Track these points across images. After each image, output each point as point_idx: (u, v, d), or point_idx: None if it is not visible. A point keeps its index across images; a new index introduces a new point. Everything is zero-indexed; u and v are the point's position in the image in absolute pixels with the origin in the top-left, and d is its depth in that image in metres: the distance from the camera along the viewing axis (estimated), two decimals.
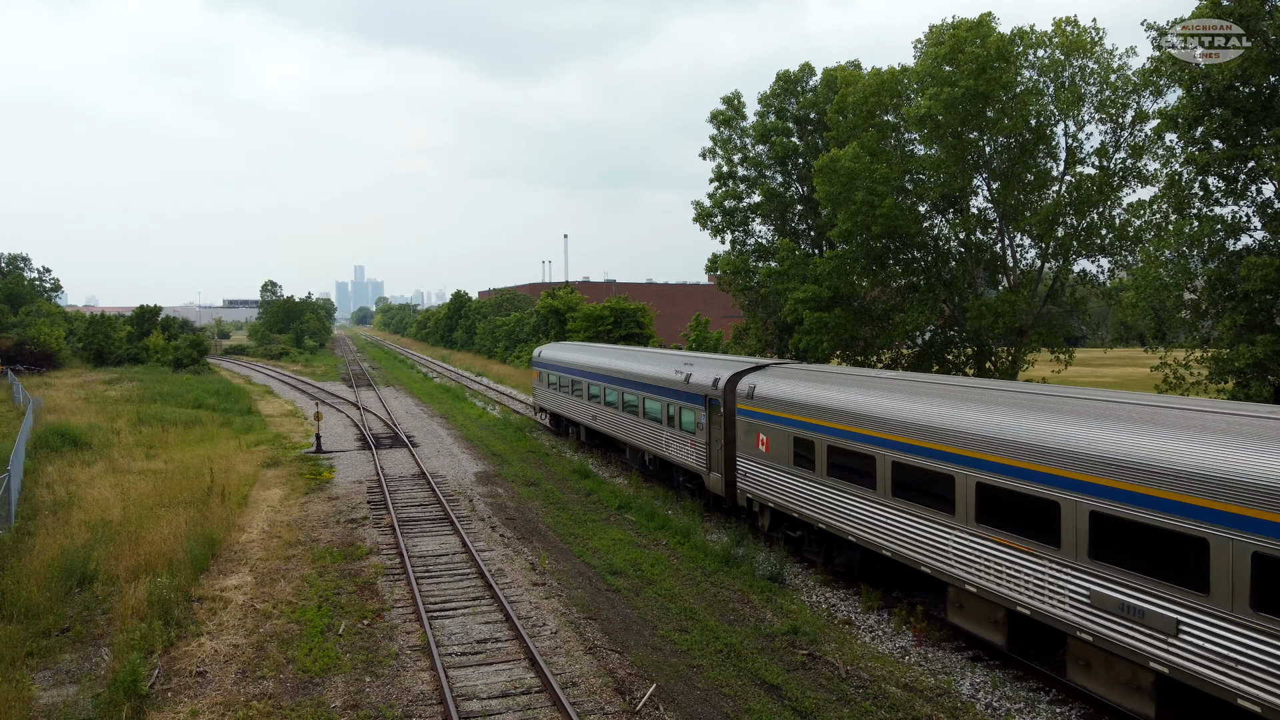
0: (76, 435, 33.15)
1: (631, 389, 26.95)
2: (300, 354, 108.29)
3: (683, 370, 23.54)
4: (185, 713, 11.86)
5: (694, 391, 22.37)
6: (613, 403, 28.90)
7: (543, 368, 38.15)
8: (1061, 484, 11.55)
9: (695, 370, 22.86)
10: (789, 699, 12.21)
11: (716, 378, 21.40)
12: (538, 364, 39.06)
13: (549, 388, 37.09)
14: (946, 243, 35.86)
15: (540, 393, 38.95)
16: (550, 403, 37.15)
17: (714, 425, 21.44)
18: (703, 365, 23.13)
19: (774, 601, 16.25)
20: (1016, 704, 12.18)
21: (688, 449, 23.01)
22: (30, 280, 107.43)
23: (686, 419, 22.99)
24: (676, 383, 23.51)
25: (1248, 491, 9.36)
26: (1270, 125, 22.67)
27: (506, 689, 12.55)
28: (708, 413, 21.66)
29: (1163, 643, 10.22)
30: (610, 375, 29.14)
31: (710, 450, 21.71)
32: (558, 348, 38.49)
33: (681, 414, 23.27)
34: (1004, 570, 12.53)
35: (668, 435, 24.30)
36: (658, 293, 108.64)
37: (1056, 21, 31.44)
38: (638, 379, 26.43)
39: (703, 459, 22.12)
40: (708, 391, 21.63)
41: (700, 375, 22.43)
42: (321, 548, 19.89)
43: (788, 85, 46.15)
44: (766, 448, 18.86)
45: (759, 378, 19.77)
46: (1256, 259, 21.78)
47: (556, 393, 35.87)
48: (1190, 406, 11.42)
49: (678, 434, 23.56)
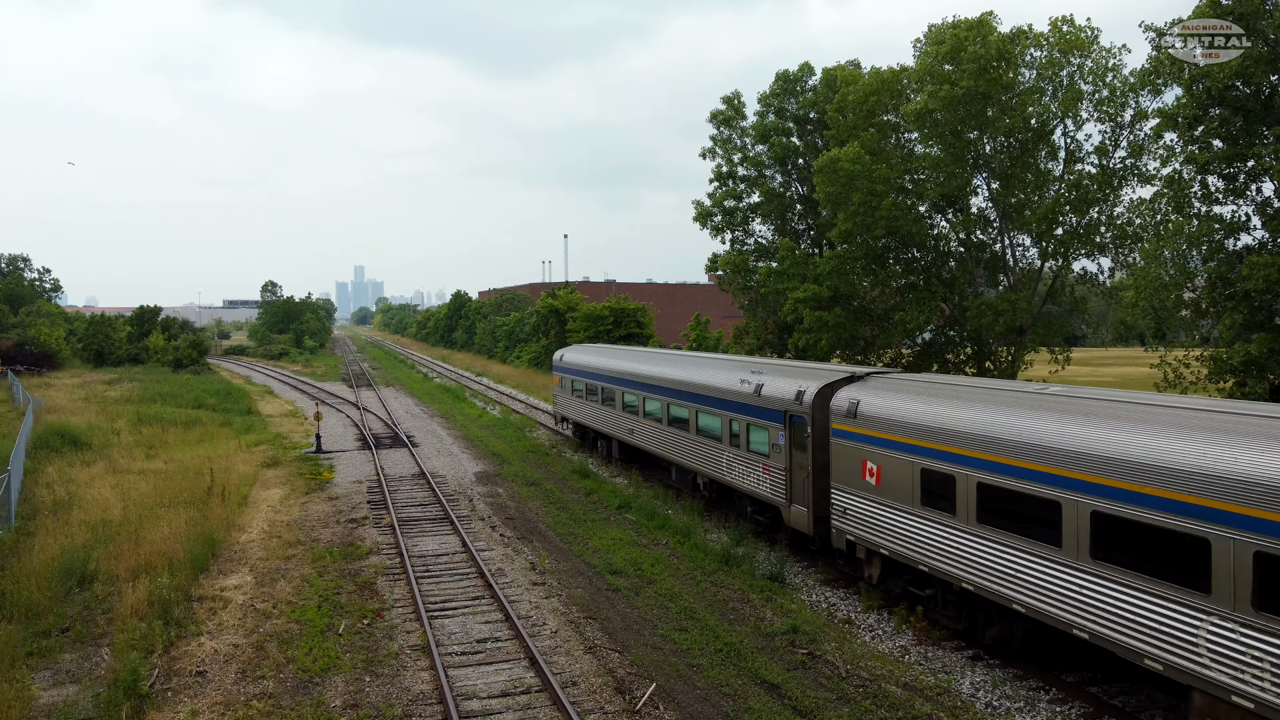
0: (76, 435, 33.16)
1: (680, 400, 23.49)
2: (300, 354, 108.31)
3: (751, 380, 19.96)
4: (185, 712, 11.86)
5: (768, 406, 18.86)
6: (655, 415, 25.32)
7: (565, 373, 34.60)
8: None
9: (768, 380, 19.29)
10: (789, 698, 12.22)
11: (800, 390, 17.85)
12: (560, 369, 35.41)
13: (573, 396, 33.45)
14: (946, 242, 35.85)
15: (562, 401, 35.25)
16: (575, 412, 33.50)
17: (796, 448, 17.95)
18: (777, 374, 19.53)
19: (774, 601, 16.25)
20: (1016, 703, 12.19)
21: (758, 474, 19.41)
22: (30, 281, 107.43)
23: (757, 439, 19.44)
24: (743, 395, 19.98)
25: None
26: (1270, 124, 22.68)
27: (506, 688, 12.55)
28: (787, 432, 18.14)
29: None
30: (652, 383, 25.47)
31: (791, 478, 18.17)
32: (584, 351, 34.81)
33: (750, 432, 19.74)
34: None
35: (730, 456, 20.73)
36: (657, 292, 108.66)
37: (1053, 21, 31.45)
38: (689, 389, 22.99)
39: (779, 488, 18.50)
40: (788, 406, 18.09)
41: (777, 387, 18.85)
42: (321, 547, 19.89)
43: (787, 85, 46.14)
44: (877, 479, 15.29)
45: (861, 391, 16.38)
46: (1258, 258, 21.78)
47: (582, 402, 32.28)
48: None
49: (744, 456, 20.05)
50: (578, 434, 34.68)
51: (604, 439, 31.18)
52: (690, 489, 24.22)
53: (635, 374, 27.02)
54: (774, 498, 18.87)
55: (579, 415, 33.09)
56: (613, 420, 29.07)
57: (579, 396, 32.79)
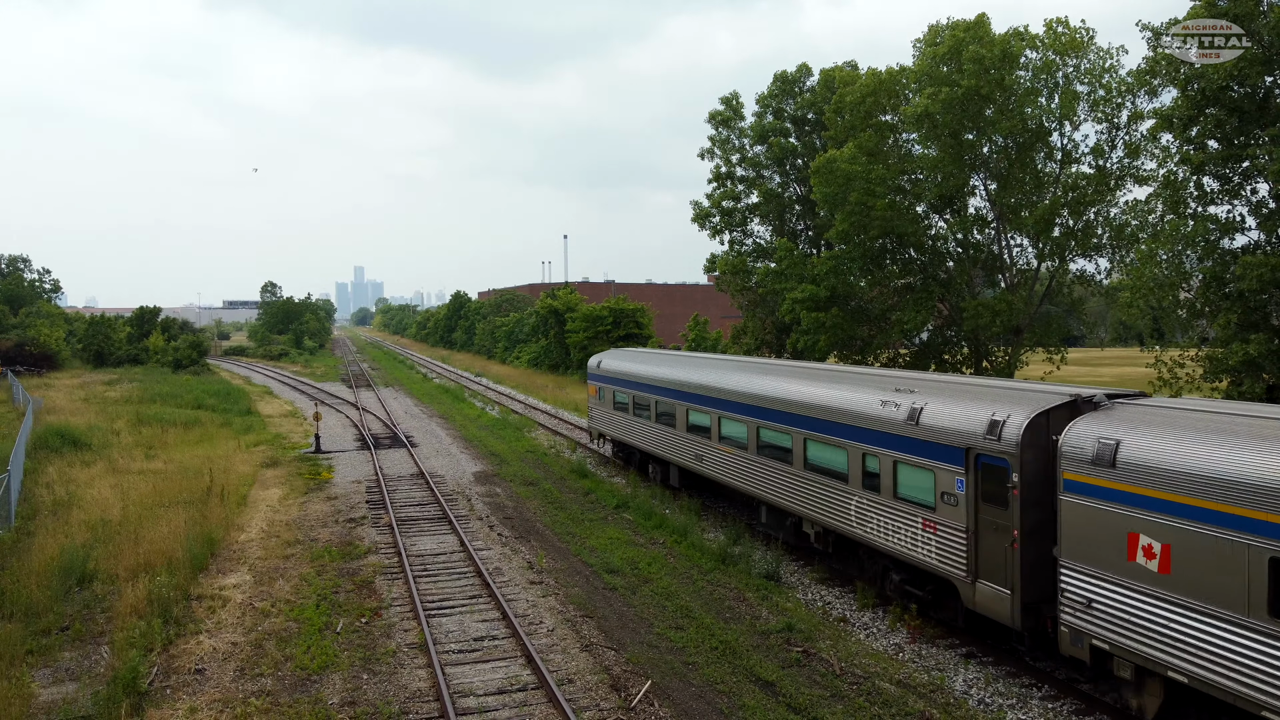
0: (76, 436, 33.25)
1: (779, 423, 18.56)
2: (300, 355, 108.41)
3: (901, 401, 15.04)
4: (184, 710, 11.95)
5: (936, 440, 13.93)
6: (736, 440, 20.53)
7: (605, 382, 29.81)
8: None
9: (932, 403, 14.44)
10: (783, 695, 12.31)
11: (996, 419, 12.93)
12: (597, 378, 30.82)
13: (616, 410, 28.73)
14: (944, 243, 35.97)
15: (601, 415, 30.48)
16: (619, 430, 28.70)
17: (988, 501, 13.01)
18: (944, 395, 14.56)
19: (770, 599, 16.34)
20: (1009, 700, 12.28)
21: (914, 532, 14.43)
22: (30, 281, 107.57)
23: (912, 482, 14.55)
24: (888, 421, 15.08)
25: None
26: (1265, 125, 22.78)
27: (503, 686, 12.65)
28: (972, 478, 13.24)
29: None
30: (733, 399, 20.63)
31: (976, 543, 13.24)
32: (631, 357, 29.75)
33: (899, 473, 14.81)
34: None
35: (863, 503, 15.78)
36: (657, 293, 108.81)
37: (1048, 23, 31.58)
38: (794, 409, 17.98)
39: (954, 555, 13.57)
40: (974, 443, 13.14)
41: (949, 413, 13.95)
42: (320, 547, 19.98)
43: (785, 86, 46.28)
44: (1163, 563, 10.53)
45: (1118, 426, 11.41)
46: (1251, 258, 21.87)
47: (629, 417, 27.56)
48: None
49: (886, 504, 15.11)
50: (620, 454, 30.04)
51: (657, 463, 26.21)
52: (790, 535, 19.03)
53: (707, 387, 22.04)
54: (944, 567, 13.83)
55: (624, 433, 28.24)
56: (672, 442, 24.23)
57: (623, 411, 28.12)
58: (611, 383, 29.20)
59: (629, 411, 27.53)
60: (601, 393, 30.32)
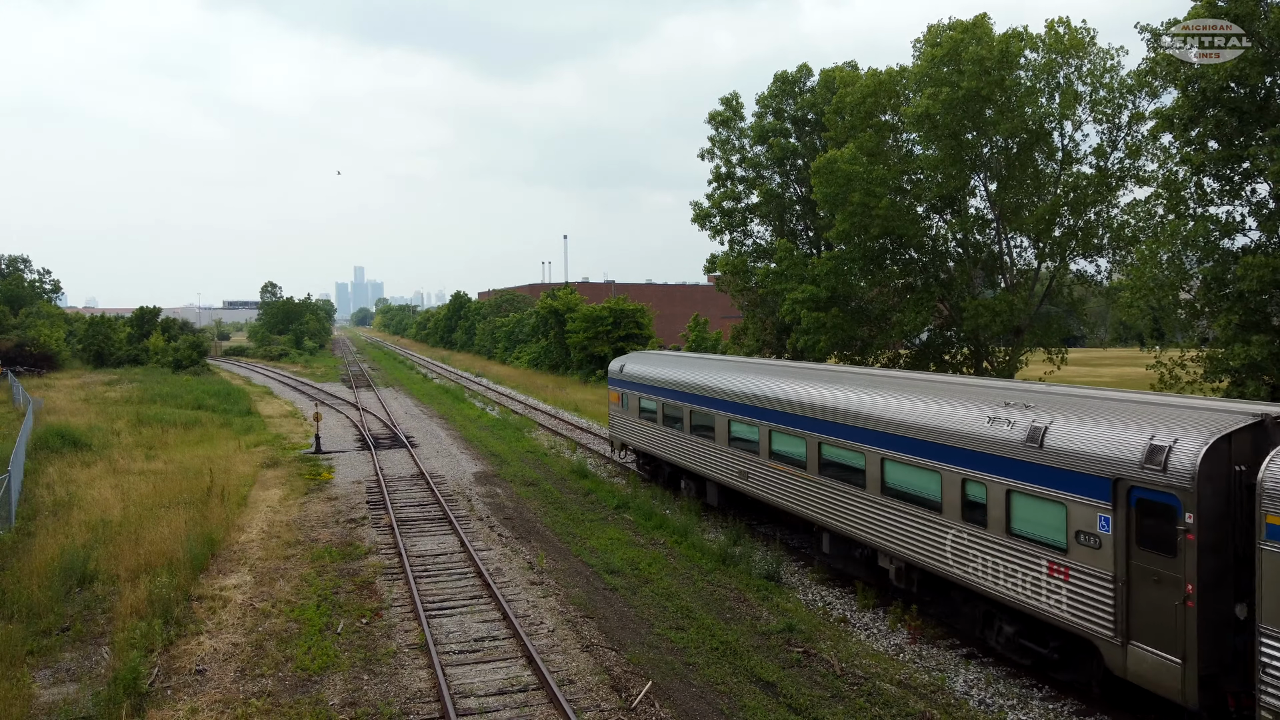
0: (76, 436, 33.24)
1: (849, 439, 16.11)
2: (300, 355, 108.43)
3: (1017, 418, 12.68)
4: (185, 710, 11.95)
5: (1069, 466, 11.61)
6: (792, 457, 18.12)
7: (629, 388, 27.36)
8: None
9: (1059, 421, 12.13)
10: (784, 696, 12.31)
11: (1158, 443, 10.68)
12: (620, 383, 28.29)
13: (642, 419, 26.37)
14: (944, 243, 35.99)
15: (624, 424, 28.11)
16: (645, 440, 26.34)
17: (1147, 545, 10.75)
18: (1071, 410, 12.27)
19: (770, 600, 16.35)
20: (1009, 700, 12.28)
21: (1036, 576, 12.09)
22: (30, 282, 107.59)
23: (1033, 517, 12.18)
24: (1000, 442, 12.68)
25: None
26: (1265, 126, 22.79)
27: (504, 686, 12.65)
28: (1123, 515, 10.97)
29: None
30: (788, 411, 18.22)
31: (1129, 596, 10.95)
32: (659, 360, 27.15)
33: (1014, 505, 12.44)
34: None
35: (962, 537, 13.35)
36: (657, 293, 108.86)
37: (1049, 23, 31.59)
38: (869, 424, 15.55)
39: (1098, 609, 11.27)
40: (1128, 472, 10.89)
41: (1085, 433, 11.67)
42: (320, 547, 19.99)
43: (785, 86, 46.30)
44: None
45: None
46: (1252, 259, 21.89)
47: (657, 428, 25.21)
48: None
49: (996, 540, 12.68)
50: (646, 467, 27.79)
51: (691, 478, 23.93)
52: (862, 570, 16.53)
53: (755, 396, 19.71)
54: (1079, 622, 11.54)
55: (651, 444, 25.87)
56: (711, 457, 21.91)
57: (650, 420, 25.70)
58: (636, 388, 26.75)
59: (657, 421, 25.13)
60: (625, 399, 27.80)
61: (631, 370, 27.55)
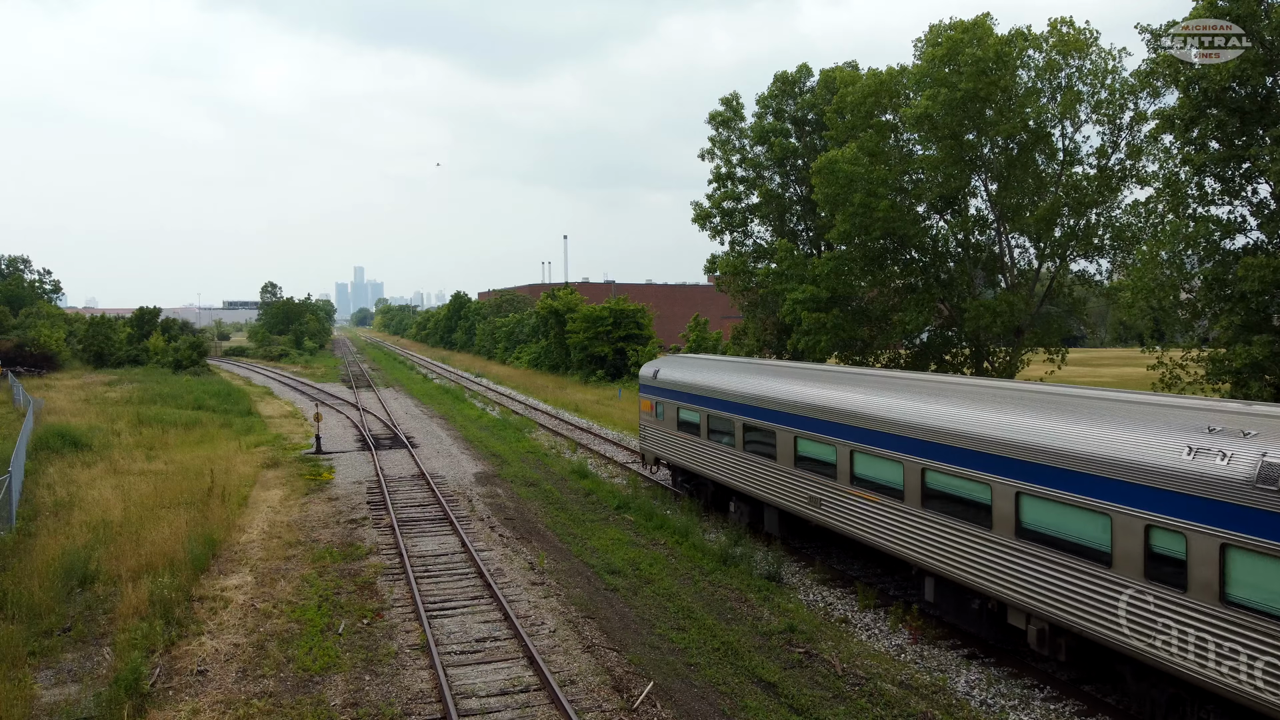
0: (77, 437, 33.25)
1: (965, 467, 13.28)
2: (300, 355, 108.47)
3: (1235, 449, 9.87)
4: (186, 711, 11.95)
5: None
6: (880, 483, 15.35)
7: (665, 396, 24.27)
8: None
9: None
10: (785, 696, 12.31)
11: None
12: (654, 389, 25.09)
13: (681, 431, 23.32)
14: (944, 243, 35.99)
15: (658, 435, 24.98)
16: (684, 455, 23.31)
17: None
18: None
19: (771, 600, 16.34)
20: (1011, 700, 12.28)
21: (1275, 663, 9.25)
22: (30, 282, 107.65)
23: (1271, 584, 9.48)
24: (1209, 480, 9.92)
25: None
26: (1266, 126, 22.80)
27: (505, 687, 12.64)
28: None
29: None
30: (875, 428, 15.43)
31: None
32: (701, 365, 23.93)
33: (1231, 564, 9.75)
34: None
35: (1146, 600, 10.60)
36: (657, 293, 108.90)
37: (1052, 22, 31.60)
38: (1001, 449, 12.67)
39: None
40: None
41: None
42: (321, 548, 19.98)
43: (785, 86, 46.30)
44: None
45: None
46: (1253, 259, 21.89)
47: (699, 441, 22.28)
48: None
49: (1209, 610, 9.90)
50: (685, 485, 24.56)
51: (744, 501, 20.91)
52: (984, 626, 13.60)
53: (831, 410, 16.78)
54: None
55: (693, 460, 22.82)
56: (771, 478, 18.94)
57: (691, 433, 22.72)
58: (674, 396, 23.71)
59: (701, 434, 22.14)
60: (660, 409, 24.67)
61: (668, 376, 24.27)
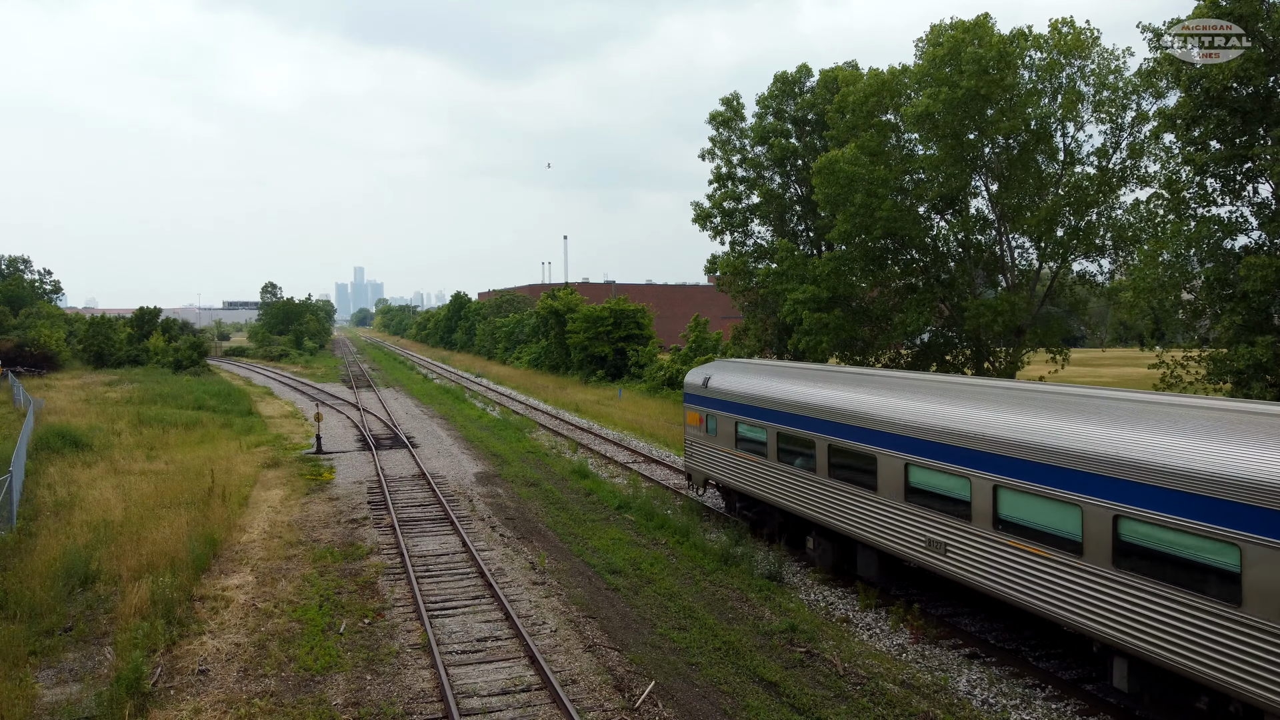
0: (77, 436, 33.23)
1: (1185, 518, 10.11)
2: (300, 355, 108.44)
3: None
4: (188, 710, 11.94)
5: None
6: (1043, 529, 12.05)
7: (719, 408, 20.87)
8: None
9: None
10: (787, 696, 12.30)
11: None
12: (702, 399, 21.88)
13: (741, 449, 19.93)
14: (945, 243, 35.98)
15: (708, 453, 21.62)
16: (744, 478, 19.85)
17: None
18: None
19: (772, 600, 16.33)
20: (1013, 700, 12.27)
21: None
22: (30, 282, 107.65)
23: None
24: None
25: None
26: (1268, 126, 22.78)
27: (507, 686, 12.63)
28: None
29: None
30: (1033, 458, 12.10)
31: None
32: (763, 371, 20.37)
33: None
34: None
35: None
36: (657, 293, 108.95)
37: (1053, 23, 31.59)
38: (1249, 491, 9.34)
39: None
40: None
41: None
42: (322, 547, 19.97)
43: (786, 86, 46.30)
44: None
45: None
46: (1255, 259, 21.87)
47: (767, 465, 18.76)
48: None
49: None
50: (745, 511, 20.95)
51: (828, 537, 17.41)
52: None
53: (963, 433, 13.44)
54: None
55: (756, 485, 19.29)
56: (870, 512, 15.50)
57: (755, 453, 19.14)
58: (731, 409, 20.30)
59: (767, 454, 18.61)
60: (711, 422, 21.32)
61: (723, 385, 20.86)
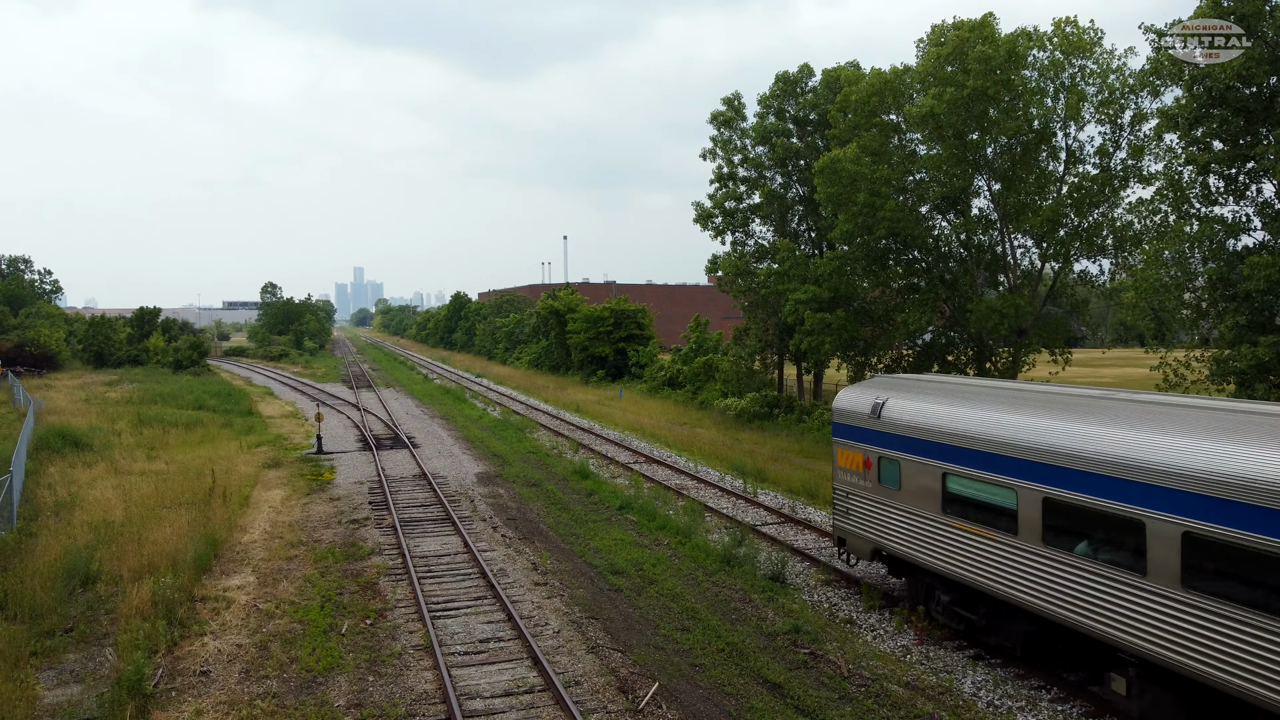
0: (77, 437, 33.17)
1: None
2: (300, 355, 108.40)
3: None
4: (189, 712, 11.88)
5: None
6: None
7: (916, 452, 14.43)
8: None
9: None
10: (791, 697, 12.24)
11: None
12: (866, 434, 15.84)
13: (950, 514, 13.68)
14: (947, 243, 35.91)
15: (879, 510, 15.46)
16: (964, 560, 13.34)
17: None
18: None
19: (775, 601, 16.28)
20: (1018, 702, 12.21)
21: None
22: (31, 282, 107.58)
23: None
24: None
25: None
26: (1271, 125, 22.73)
27: (509, 688, 12.58)
28: None
29: None
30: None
31: None
32: (1002, 400, 13.40)
33: None
34: None
35: None
36: (657, 294, 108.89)
37: (1056, 22, 31.52)
38: None
39: None
40: None
41: None
42: (323, 548, 19.91)
43: (787, 86, 46.22)
44: None
45: None
46: (1259, 259, 21.81)
47: (1008, 545, 12.38)
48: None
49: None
50: (954, 607, 14.06)
51: (1169, 689, 10.50)
52: None
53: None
54: None
55: (992, 576, 12.77)
56: (1219, 629, 9.54)
57: (987, 526, 12.86)
58: (936, 454, 13.96)
59: (1019, 532, 12.22)
60: (889, 469, 15.13)
61: (907, 414, 14.78)
